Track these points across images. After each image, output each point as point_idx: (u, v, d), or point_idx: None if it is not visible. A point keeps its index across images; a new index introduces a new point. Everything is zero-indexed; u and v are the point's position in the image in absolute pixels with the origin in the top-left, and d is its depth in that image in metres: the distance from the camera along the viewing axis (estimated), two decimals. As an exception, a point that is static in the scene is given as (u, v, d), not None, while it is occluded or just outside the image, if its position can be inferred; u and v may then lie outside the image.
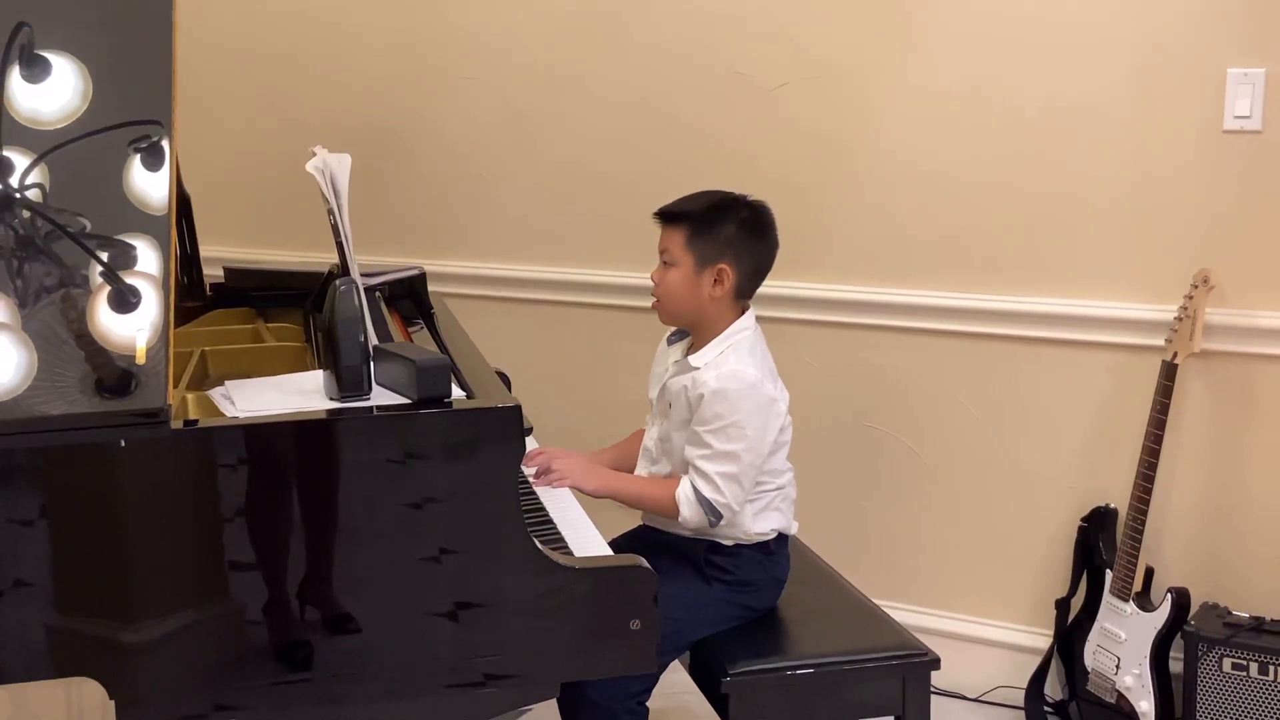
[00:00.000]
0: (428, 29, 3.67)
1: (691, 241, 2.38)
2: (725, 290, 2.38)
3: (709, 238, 2.38)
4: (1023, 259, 3.01)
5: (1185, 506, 2.89)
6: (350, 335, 1.88)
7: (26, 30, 1.85)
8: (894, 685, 2.33)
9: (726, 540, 2.42)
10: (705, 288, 2.39)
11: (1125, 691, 2.78)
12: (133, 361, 1.74)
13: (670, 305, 2.44)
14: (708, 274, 2.38)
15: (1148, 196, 2.86)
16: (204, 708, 1.82)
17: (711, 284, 2.38)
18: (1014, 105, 2.97)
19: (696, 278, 2.39)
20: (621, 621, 1.90)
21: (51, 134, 1.83)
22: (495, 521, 1.83)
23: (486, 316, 3.30)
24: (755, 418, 2.34)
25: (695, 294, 2.40)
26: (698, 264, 2.38)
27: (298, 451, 1.81)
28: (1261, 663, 2.65)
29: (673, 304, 2.43)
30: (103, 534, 1.75)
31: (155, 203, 1.83)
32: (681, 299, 2.41)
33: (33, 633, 1.75)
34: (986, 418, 3.11)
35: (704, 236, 2.38)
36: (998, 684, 3.13)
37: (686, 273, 2.39)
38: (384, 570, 1.82)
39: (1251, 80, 2.72)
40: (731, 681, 2.27)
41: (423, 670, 1.85)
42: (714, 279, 2.38)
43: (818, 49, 3.15)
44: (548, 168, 3.58)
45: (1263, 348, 2.78)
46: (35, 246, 1.78)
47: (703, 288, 2.39)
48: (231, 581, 1.79)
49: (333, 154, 2.07)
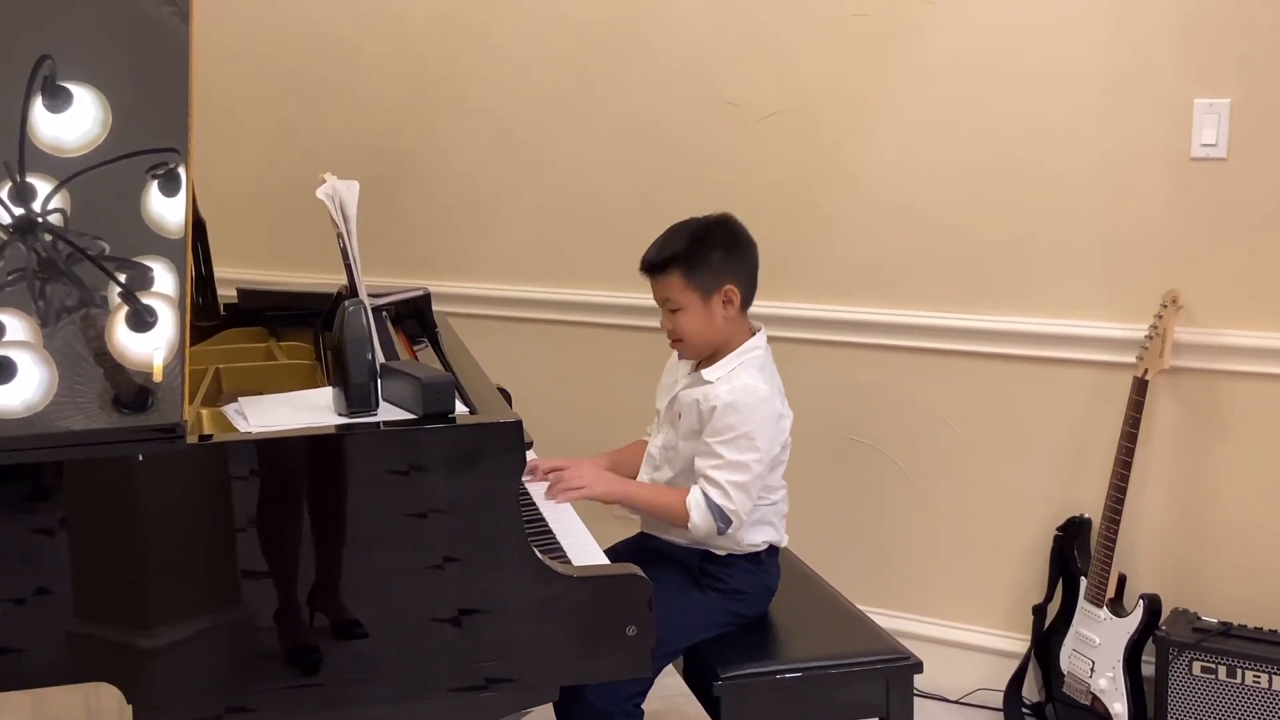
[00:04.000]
0: (434, 62, 3.67)
1: (690, 280, 2.36)
2: (736, 307, 2.38)
3: (704, 270, 2.36)
4: (1001, 280, 3.01)
5: (1156, 516, 2.89)
6: (359, 354, 1.88)
7: (49, 62, 1.85)
8: (879, 688, 2.32)
9: (720, 550, 2.41)
10: (718, 314, 2.37)
11: (1099, 694, 2.77)
12: (150, 378, 1.73)
13: (694, 344, 2.40)
14: (716, 300, 2.36)
15: (1119, 221, 2.86)
16: (217, 711, 1.80)
17: (723, 307, 2.37)
18: (992, 135, 2.97)
19: (707, 310, 2.36)
20: (618, 627, 1.89)
21: (73, 161, 1.83)
22: (497, 531, 1.82)
23: (488, 335, 3.29)
24: (765, 430, 2.33)
25: (712, 324, 2.38)
26: (704, 297, 2.36)
27: (308, 465, 1.80)
28: (1230, 666, 2.64)
29: (697, 342, 2.40)
30: (121, 544, 1.74)
31: (172, 226, 1.82)
32: (702, 334, 2.38)
33: (53, 638, 1.74)
34: (967, 432, 3.11)
35: (699, 271, 2.36)
36: (978, 686, 3.12)
37: (697, 310, 2.36)
38: (390, 578, 1.81)
39: (1217, 110, 2.72)
40: (723, 685, 2.26)
41: (427, 674, 1.84)
42: (724, 301, 2.36)
43: (805, 81, 3.16)
44: (547, 194, 3.58)
45: (1229, 364, 2.78)
46: (57, 268, 1.77)
47: (715, 315, 2.37)
48: (244, 589, 1.78)
49: (342, 181, 2.07)
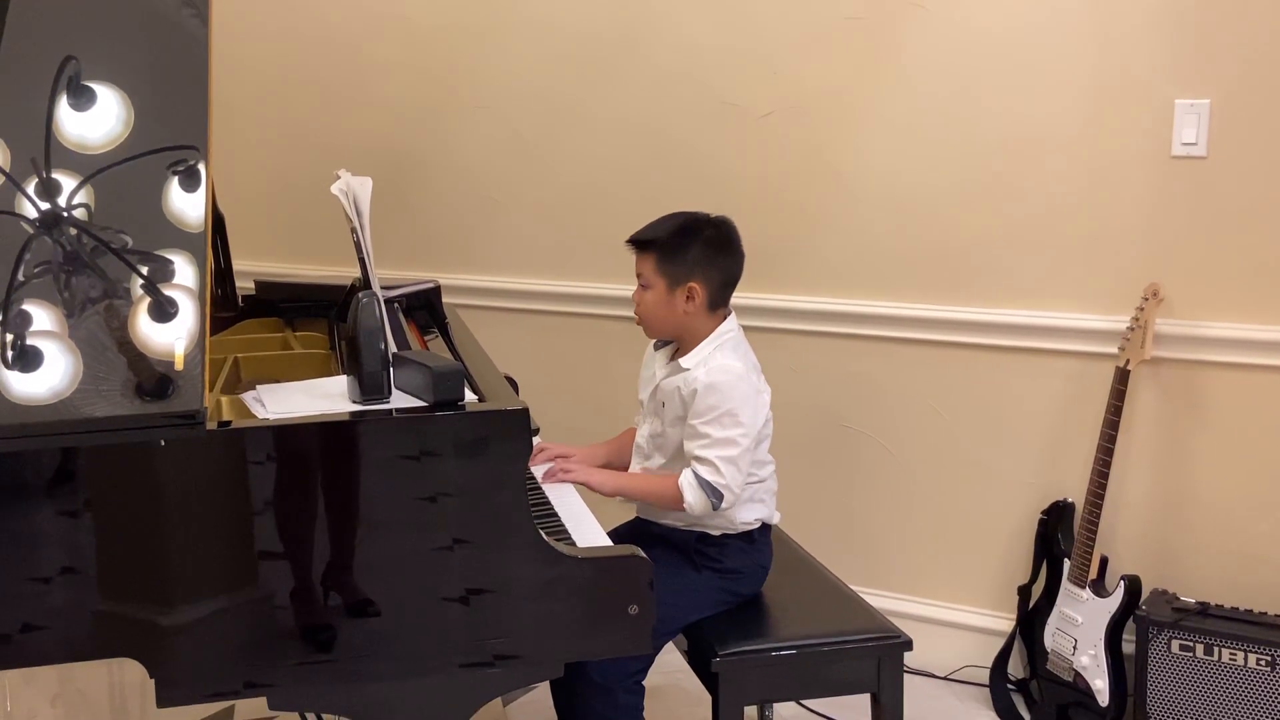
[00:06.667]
0: (443, 63, 3.67)
1: (661, 265, 2.37)
2: (698, 305, 2.37)
3: (678, 261, 2.36)
4: (988, 273, 3.01)
5: (1137, 501, 2.89)
6: (371, 344, 1.88)
7: (74, 63, 1.85)
8: (870, 665, 2.32)
9: (714, 530, 2.41)
10: (679, 305, 2.38)
11: (1082, 671, 2.78)
12: (171, 367, 1.73)
13: (651, 323, 2.44)
14: (679, 293, 2.37)
15: (1102, 216, 2.86)
16: (235, 685, 1.81)
17: (684, 301, 2.37)
18: (980, 133, 2.96)
19: (670, 297, 2.38)
20: (620, 606, 1.89)
21: (97, 158, 1.83)
22: (504, 514, 1.82)
23: (496, 326, 3.29)
24: (747, 405, 2.33)
25: (671, 312, 2.39)
26: (669, 285, 2.37)
27: (323, 450, 1.80)
28: (1207, 644, 2.65)
29: (653, 322, 2.43)
30: (143, 526, 1.74)
31: (192, 221, 1.82)
32: (659, 317, 2.41)
33: (79, 616, 1.74)
34: (954, 419, 3.11)
35: (673, 260, 2.36)
36: (965, 664, 3.13)
37: (660, 294, 2.38)
38: (401, 559, 1.81)
39: (1197, 110, 2.71)
40: (721, 661, 2.27)
41: (437, 651, 1.84)
42: (686, 296, 2.37)
43: (801, 81, 3.15)
44: (552, 190, 3.57)
45: (1208, 355, 2.78)
46: (82, 261, 1.77)
47: (676, 306, 2.38)
48: (261, 569, 1.78)
49: (355, 177, 2.06)
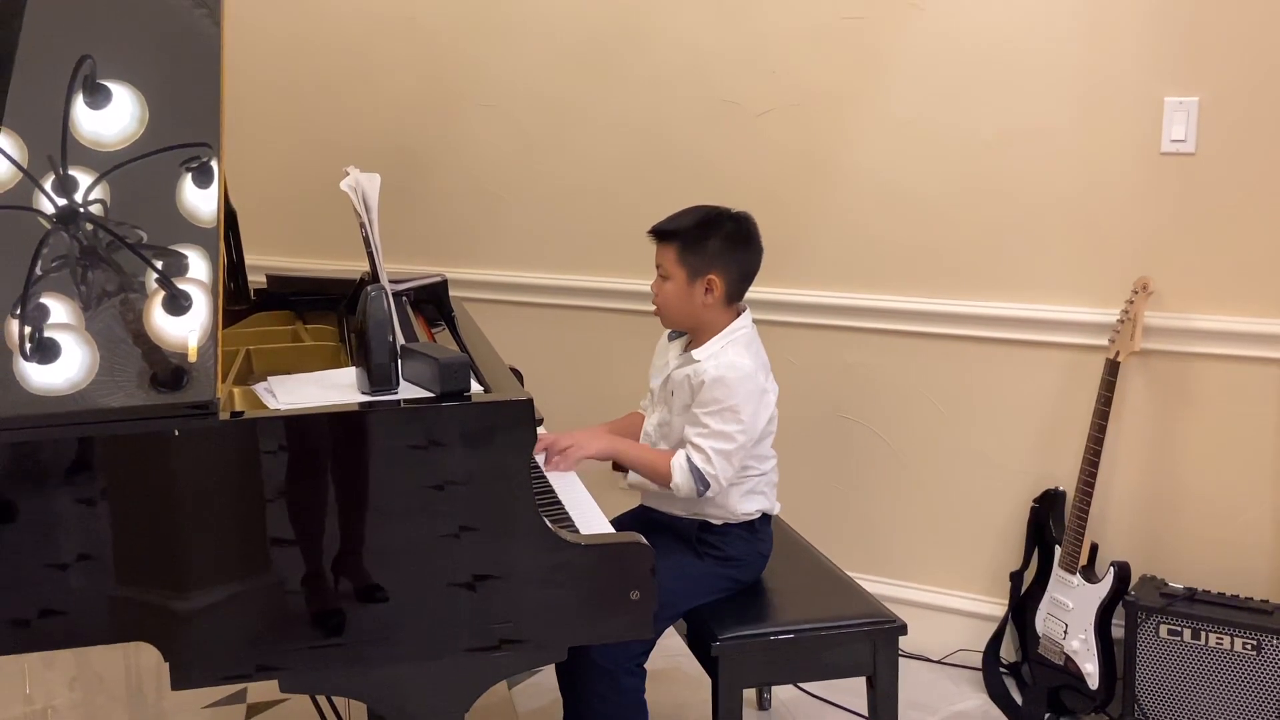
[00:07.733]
0: (449, 62, 3.67)
1: (682, 256, 2.38)
2: (716, 298, 2.39)
3: (698, 252, 2.38)
4: (981, 267, 3.02)
5: (1126, 489, 2.90)
6: (380, 336, 1.88)
7: (89, 62, 1.86)
8: (866, 649, 2.33)
9: (716, 520, 2.43)
10: (698, 297, 2.39)
11: (1072, 654, 2.79)
12: (185, 359, 1.74)
13: (669, 313, 2.45)
14: (699, 285, 2.38)
15: (1093, 211, 2.87)
16: (248, 669, 1.82)
17: (703, 293, 2.38)
18: (973, 130, 2.97)
19: (689, 289, 2.39)
20: (622, 592, 1.89)
21: (112, 155, 1.83)
22: (509, 502, 1.83)
23: (501, 319, 3.30)
24: (749, 403, 2.35)
25: (689, 303, 2.40)
26: (689, 276, 2.38)
27: (333, 440, 1.81)
28: (1194, 629, 2.66)
29: (671, 312, 2.44)
30: (158, 513, 1.75)
31: (205, 216, 1.83)
32: (678, 308, 2.42)
33: (95, 601, 1.75)
34: (949, 410, 3.12)
35: (693, 251, 2.38)
36: (959, 647, 3.14)
37: (680, 285, 2.39)
38: (409, 546, 1.82)
39: (1186, 108, 2.72)
40: (721, 646, 2.28)
41: (444, 635, 1.85)
42: (705, 289, 2.38)
43: (798, 80, 3.16)
44: (555, 186, 3.58)
45: (1196, 347, 2.79)
46: (97, 255, 1.78)
47: (695, 297, 2.39)
48: (273, 556, 1.79)
49: (364, 173, 2.07)
